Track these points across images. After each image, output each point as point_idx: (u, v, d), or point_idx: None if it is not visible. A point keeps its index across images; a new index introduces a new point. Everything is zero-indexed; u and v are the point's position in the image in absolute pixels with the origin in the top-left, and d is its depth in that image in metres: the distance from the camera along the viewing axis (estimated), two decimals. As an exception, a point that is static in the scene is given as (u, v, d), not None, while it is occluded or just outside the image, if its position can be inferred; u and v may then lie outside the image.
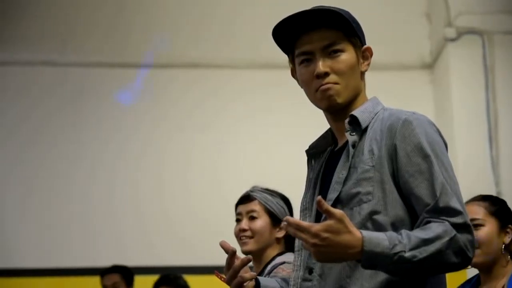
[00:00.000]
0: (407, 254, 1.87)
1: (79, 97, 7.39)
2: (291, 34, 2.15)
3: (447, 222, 1.92)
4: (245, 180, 6.90)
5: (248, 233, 3.16)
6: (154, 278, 5.42)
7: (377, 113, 2.12)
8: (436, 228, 1.91)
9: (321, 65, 2.10)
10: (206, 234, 6.87)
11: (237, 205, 3.31)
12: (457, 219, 1.94)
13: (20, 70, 7.37)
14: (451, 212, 1.94)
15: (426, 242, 1.88)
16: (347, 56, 2.12)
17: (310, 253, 2.00)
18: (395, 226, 1.98)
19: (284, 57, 2.28)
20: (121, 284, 5.19)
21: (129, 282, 5.25)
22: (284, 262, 3.03)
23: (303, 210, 2.18)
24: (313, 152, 2.25)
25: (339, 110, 2.14)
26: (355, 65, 2.13)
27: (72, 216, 7.15)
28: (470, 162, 6.55)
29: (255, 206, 3.20)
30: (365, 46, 2.17)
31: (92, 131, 7.37)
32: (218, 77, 7.46)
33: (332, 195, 2.05)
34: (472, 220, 3.05)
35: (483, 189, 6.47)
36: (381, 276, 1.95)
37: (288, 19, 2.12)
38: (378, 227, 1.97)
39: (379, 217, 1.98)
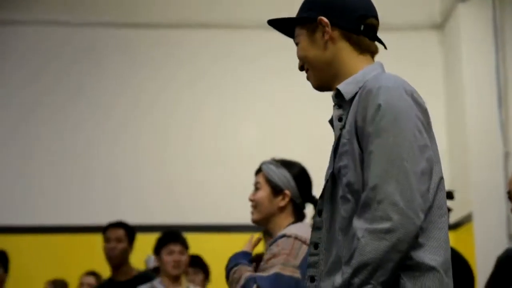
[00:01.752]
0: (355, 280, 1.86)
1: (97, 56, 7.44)
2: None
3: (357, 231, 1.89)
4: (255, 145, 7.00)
5: (253, 204, 3.24)
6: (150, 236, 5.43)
7: (366, 81, 2.06)
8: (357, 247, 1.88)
9: (299, 62, 2.20)
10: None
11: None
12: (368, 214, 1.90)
13: (30, 29, 7.40)
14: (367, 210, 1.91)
15: (364, 264, 1.86)
16: (302, 42, 2.17)
17: (315, 229, 2.07)
18: None
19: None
20: (124, 240, 5.19)
21: (131, 240, 5.27)
22: (296, 237, 3.02)
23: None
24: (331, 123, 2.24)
25: (328, 88, 2.16)
26: (309, 45, 2.16)
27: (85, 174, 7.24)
28: (479, 122, 6.56)
29: (259, 178, 3.29)
30: (318, 19, 2.14)
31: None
32: (229, 38, 7.47)
33: (329, 171, 2.08)
34: None
35: (491, 149, 6.55)
36: None
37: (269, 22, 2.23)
38: (357, 197, 1.96)
39: (354, 187, 1.97)
